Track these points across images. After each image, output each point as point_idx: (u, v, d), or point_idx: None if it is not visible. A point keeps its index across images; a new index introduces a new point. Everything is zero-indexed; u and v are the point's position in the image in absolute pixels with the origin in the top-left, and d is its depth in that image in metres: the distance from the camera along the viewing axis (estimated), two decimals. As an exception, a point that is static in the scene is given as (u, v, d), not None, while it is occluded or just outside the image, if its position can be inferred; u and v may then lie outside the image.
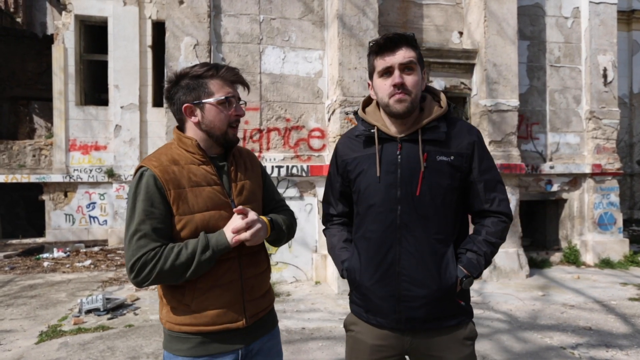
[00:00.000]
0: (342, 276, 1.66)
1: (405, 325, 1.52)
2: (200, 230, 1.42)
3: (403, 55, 1.47)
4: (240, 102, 1.54)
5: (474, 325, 1.60)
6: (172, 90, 1.51)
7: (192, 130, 1.51)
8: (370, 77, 1.59)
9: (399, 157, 1.52)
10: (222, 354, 1.45)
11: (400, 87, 1.48)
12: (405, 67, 1.48)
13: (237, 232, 1.41)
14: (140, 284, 1.38)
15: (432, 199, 1.49)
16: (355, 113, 1.66)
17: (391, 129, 1.56)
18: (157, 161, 1.44)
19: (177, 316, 1.45)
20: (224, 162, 1.55)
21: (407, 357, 1.60)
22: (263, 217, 1.52)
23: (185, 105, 1.47)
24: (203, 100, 1.47)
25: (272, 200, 1.70)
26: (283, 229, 1.60)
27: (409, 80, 1.49)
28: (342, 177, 1.67)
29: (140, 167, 1.45)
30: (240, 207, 1.44)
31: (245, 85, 1.55)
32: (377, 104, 1.61)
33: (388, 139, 1.55)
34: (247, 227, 1.42)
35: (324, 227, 1.81)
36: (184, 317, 1.43)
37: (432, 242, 1.50)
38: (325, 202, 1.78)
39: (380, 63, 1.50)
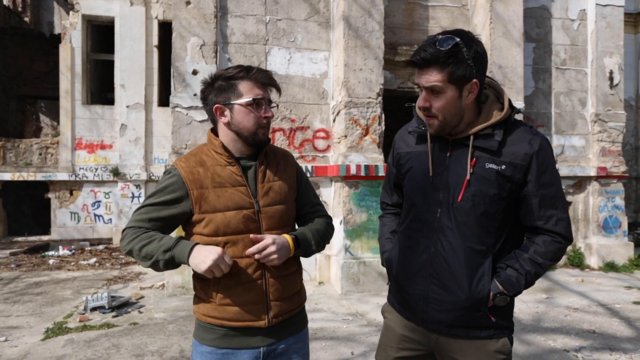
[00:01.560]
0: (382, 264, 1.68)
1: (430, 325, 1.50)
2: (221, 229, 1.48)
3: (427, 79, 1.37)
4: (272, 105, 1.58)
5: (509, 340, 1.48)
6: (205, 91, 1.57)
7: (223, 130, 1.56)
8: None
9: (448, 159, 1.47)
10: (243, 349, 1.51)
11: (424, 109, 1.41)
12: (431, 90, 1.38)
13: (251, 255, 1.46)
14: (122, 249, 1.51)
15: (474, 207, 1.42)
16: (413, 107, 1.61)
17: None
18: (185, 162, 1.54)
19: (204, 307, 1.52)
20: (253, 162, 1.57)
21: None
22: (286, 236, 1.52)
23: (216, 105, 1.53)
24: (232, 101, 1.51)
25: (307, 204, 1.70)
26: (311, 244, 1.59)
27: (435, 103, 1.39)
28: (397, 169, 1.65)
29: (172, 165, 1.57)
30: (252, 235, 1.47)
31: (277, 88, 1.59)
32: None
33: (440, 138, 1.49)
34: (260, 251, 1.45)
35: (380, 215, 1.84)
36: (209, 309, 1.51)
37: (469, 251, 1.43)
38: (383, 190, 1.80)
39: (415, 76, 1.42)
